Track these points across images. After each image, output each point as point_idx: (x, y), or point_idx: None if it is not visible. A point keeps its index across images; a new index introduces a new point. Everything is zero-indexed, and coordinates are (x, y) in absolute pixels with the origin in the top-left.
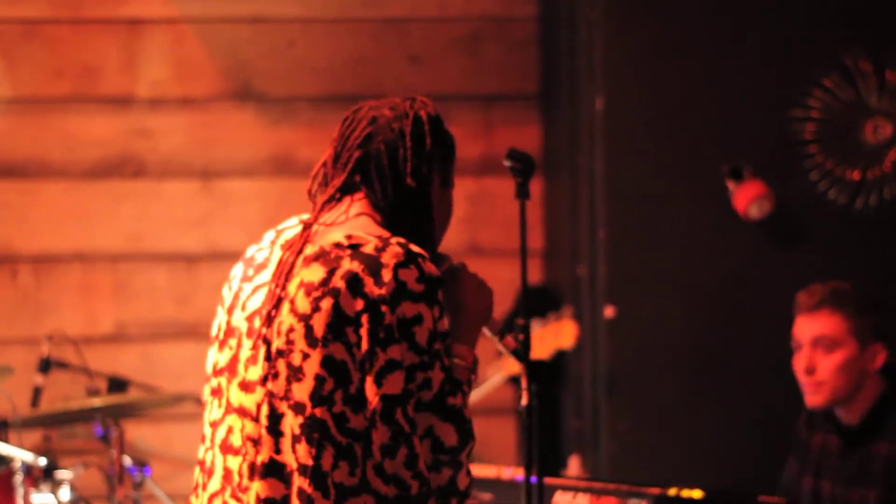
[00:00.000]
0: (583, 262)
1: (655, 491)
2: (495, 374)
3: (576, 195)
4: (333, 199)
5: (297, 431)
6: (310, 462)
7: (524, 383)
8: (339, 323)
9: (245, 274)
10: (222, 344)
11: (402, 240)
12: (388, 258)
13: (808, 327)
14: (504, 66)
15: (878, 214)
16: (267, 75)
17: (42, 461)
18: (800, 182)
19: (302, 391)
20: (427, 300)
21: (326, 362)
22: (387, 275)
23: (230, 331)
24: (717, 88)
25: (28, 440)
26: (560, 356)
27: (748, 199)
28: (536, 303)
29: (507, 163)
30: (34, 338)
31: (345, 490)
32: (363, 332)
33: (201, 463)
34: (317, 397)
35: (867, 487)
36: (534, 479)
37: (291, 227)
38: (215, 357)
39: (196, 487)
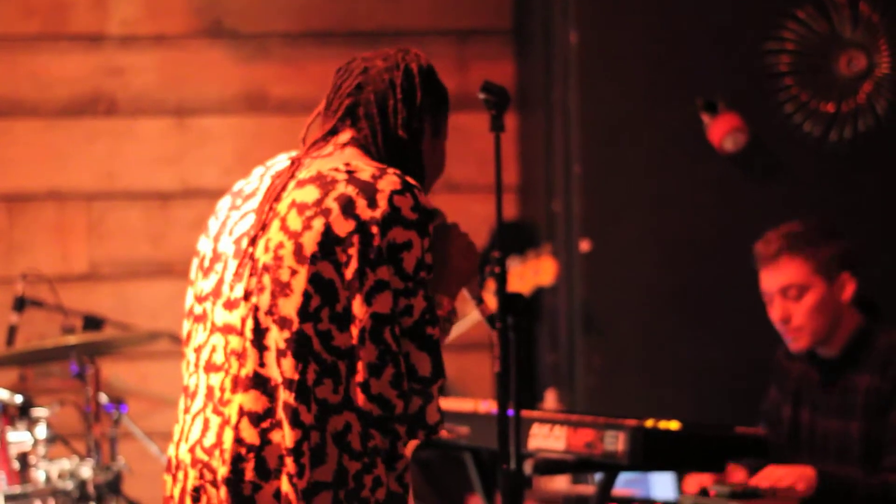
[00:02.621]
0: (558, 196)
1: (632, 423)
2: (473, 310)
3: (550, 130)
4: (322, 141)
5: (283, 346)
6: (295, 376)
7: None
8: (329, 242)
9: (233, 204)
10: (207, 271)
11: (398, 171)
12: (385, 185)
13: (773, 279)
14: (477, 1)
15: (852, 147)
16: (239, 12)
17: (18, 399)
18: (774, 115)
19: (289, 306)
20: (418, 229)
21: (314, 279)
22: (381, 199)
23: (216, 257)
24: (691, 22)
25: (3, 379)
26: (536, 291)
27: (723, 132)
28: (512, 238)
29: (481, 95)
30: (8, 277)
31: (328, 407)
32: (353, 251)
33: (185, 388)
34: (304, 313)
35: (847, 419)
36: (510, 412)
37: (280, 162)
38: (199, 286)
39: (180, 413)
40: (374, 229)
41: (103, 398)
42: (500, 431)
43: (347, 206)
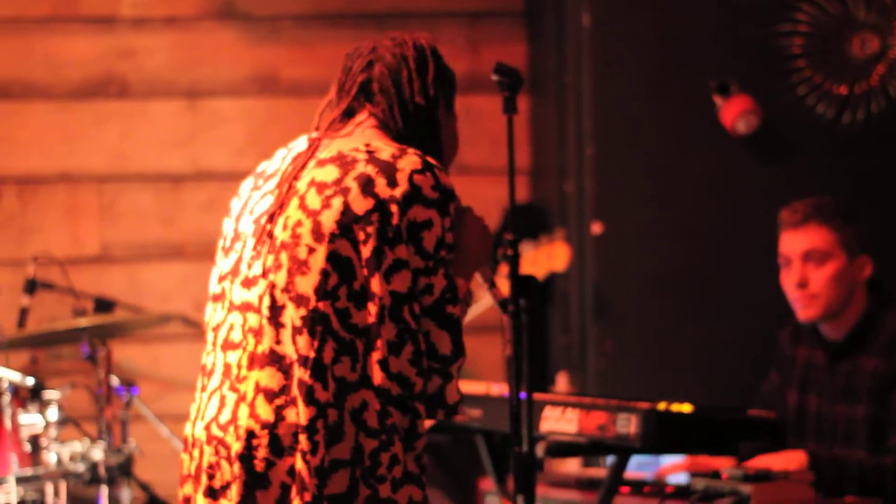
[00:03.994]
0: (570, 179)
1: (645, 406)
2: (486, 294)
3: (562, 112)
4: (338, 121)
5: (299, 323)
6: (311, 354)
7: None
8: (348, 220)
9: (255, 184)
10: (228, 251)
11: (419, 151)
12: (405, 164)
13: (797, 242)
14: None
15: (865, 129)
16: None
17: (30, 381)
18: (787, 97)
19: (306, 284)
20: (439, 208)
21: (332, 257)
22: (401, 178)
23: (237, 237)
24: (703, 3)
25: (15, 361)
26: (549, 276)
27: (735, 113)
28: (524, 221)
29: (494, 77)
30: (20, 259)
31: (346, 384)
32: (371, 230)
33: (203, 368)
34: (321, 291)
35: (854, 402)
36: (523, 395)
37: (302, 143)
38: (220, 266)
39: (197, 392)
40: (394, 208)
41: (114, 381)
42: (512, 414)
43: (367, 185)
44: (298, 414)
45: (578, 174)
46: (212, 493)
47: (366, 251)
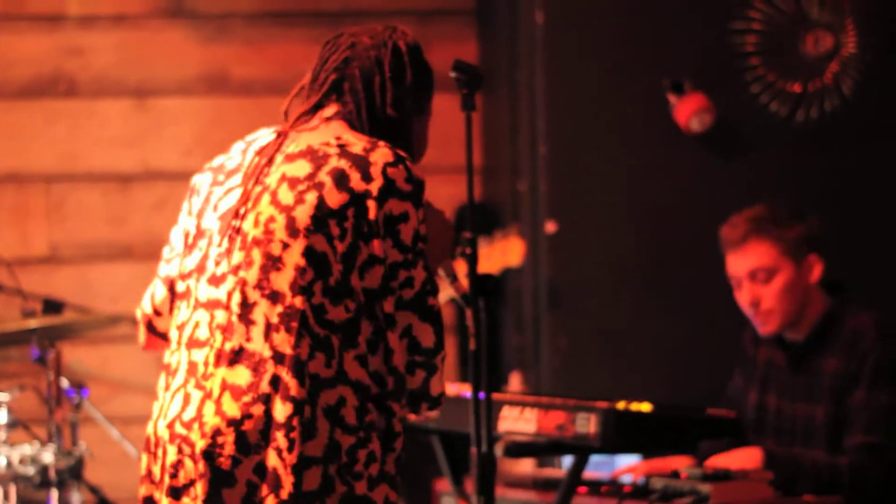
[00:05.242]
0: (523, 177)
1: (604, 405)
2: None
3: (515, 111)
4: (307, 115)
5: (276, 320)
6: (289, 351)
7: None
8: (323, 215)
9: (215, 179)
10: (191, 248)
11: (388, 144)
12: (377, 157)
13: (741, 263)
14: None
15: (818, 127)
16: None
17: None
18: (741, 95)
19: (281, 281)
20: (413, 200)
21: (308, 253)
22: (375, 172)
23: (200, 233)
24: (658, 1)
25: None
26: (500, 274)
27: (689, 112)
28: (477, 219)
29: (452, 74)
30: None
31: (320, 381)
32: (347, 225)
33: (167, 367)
34: (297, 287)
35: (813, 403)
36: (481, 394)
37: (262, 136)
38: (182, 263)
39: (160, 391)
40: (369, 202)
41: (64, 382)
42: (476, 412)
43: (341, 180)
44: (273, 411)
45: (532, 173)
46: (174, 492)
47: (341, 246)
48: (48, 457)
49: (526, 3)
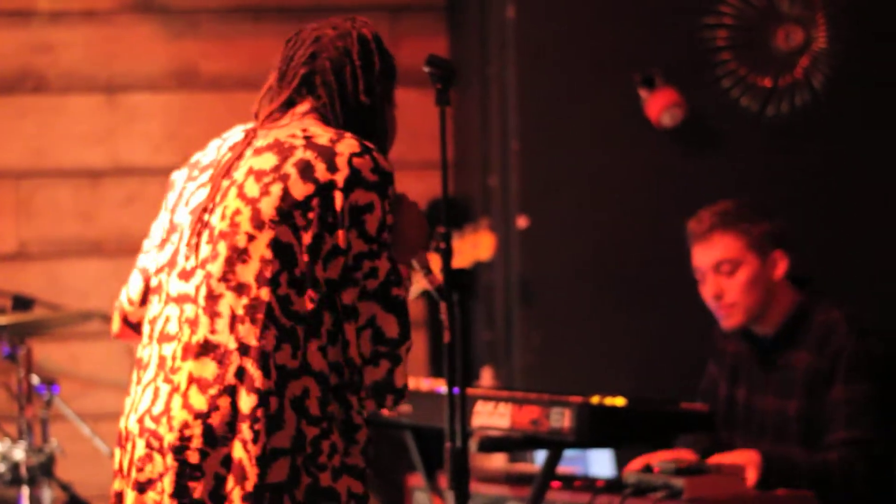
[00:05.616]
0: (494, 172)
1: (578, 399)
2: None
3: (486, 106)
4: (279, 112)
5: (241, 312)
6: (254, 342)
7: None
8: (288, 206)
9: (190, 175)
10: (164, 242)
11: (356, 135)
12: (343, 148)
13: (706, 255)
14: None
15: (789, 121)
16: None
17: None
18: (712, 89)
19: (247, 273)
20: (379, 191)
21: (273, 244)
22: (341, 162)
23: (172, 228)
24: None
25: None
26: (471, 269)
27: (661, 107)
28: (447, 214)
29: (426, 69)
30: None
31: (286, 372)
32: (312, 216)
33: (138, 361)
34: (262, 279)
35: (785, 397)
36: (455, 389)
37: (237, 133)
38: (156, 258)
39: (132, 385)
40: (335, 193)
41: (35, 379)
42: (451, 407)
43: (306, 170)
44: (238, 403)
45: (503, 168)
46: (139, 486)
47: (307, 237)
48: (19, 454)
49: None
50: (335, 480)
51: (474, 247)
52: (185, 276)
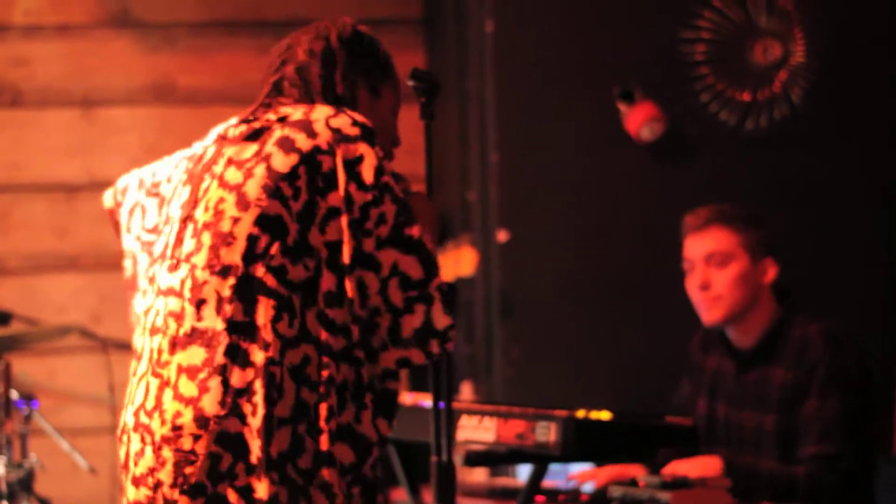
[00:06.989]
0: (473, 186)
1: (563, 413)
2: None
3: (465, 119)
4: (251, 115)
5: (228, 293)
6: (243, 318)
7: None
8: (273, 181)
9: (186, 168)
10: (159, 234)
11: (325, 103)
12: (318, 115)
13: (700, 245)
14: None
15: (768, 135)
16: (145, 0)
17: None
18: (690, 103)
19: (233, 254)
20: (365, 140)
21: (260, 219)
22: (319, 127)
23: (167, 220)
24: (607, 10)
25: None
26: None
27: (640, 121)
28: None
29: (410, 82)
30: None
31: (286, 341)
32: (300, 184)
33: (134, 350)
34: (251, 255)
35: (762, 412)
36: (441, 403)
37: (214, 134)
38: (152, 249)
39: (130, 376)
40: (321, 157)
41: (14, 394)
42: (436, 421)
43: (285, 143)
44: (231, 379)
45: (482, 181)
46: (135, 481)
47: (297, 206)
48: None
49: (475, 12)
50: (332, 444)
51: (456, 262)
52: (172, 268)
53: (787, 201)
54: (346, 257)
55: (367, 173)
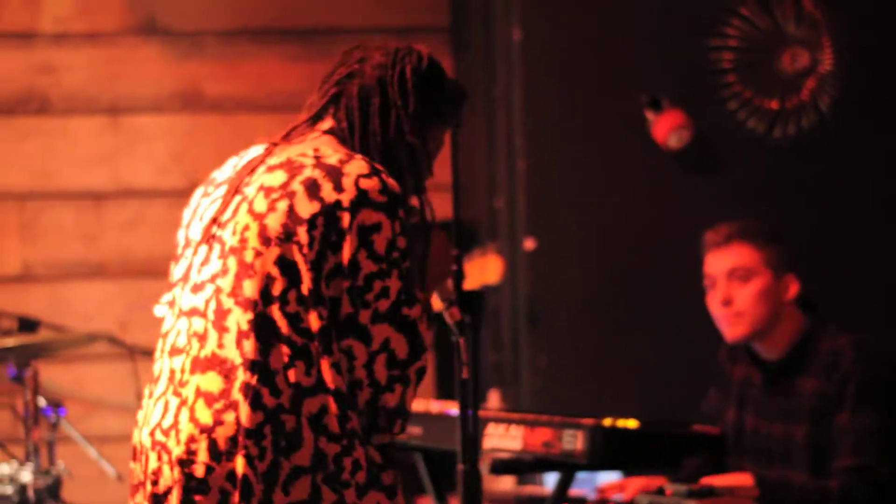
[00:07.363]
0: (501, 194)
1: (590, 422)
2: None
3: (492, 128)
4: (304, 125)
5: (246, 327)
6: (257, 357)
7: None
8: (293, 223)
9: (205, 191)
10: (179, 258)
11: (366, 157)
12: (351, 169)
13: (722, 261)
14: None
15: (795, 143)
16: (173, 9)
17: None
18: (718, 111)
19: (252, 288)
20: (388, 211)
21: (280, 261)
22: (348, 183)
23: (187, 243)
24: (635, 18)
25: None
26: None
27: (667, 128)
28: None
29: None
30: None
31: (301, 389)
32: (316, 234)
33: (151, 375)
34: (267, 295)
35: (793, 423)
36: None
37: (255, 150)
38: (171, 273)
39: (145, 399)
40: (341, 213)
41: (42, 401)
42: (464, 429)
43: (312, 189)
44: (239, 418)
45: (510, 190)
46: (156, 499)
47: (310, 254)
48: (26, 476)
49: (502, 20)
50: (360, 497)
51: (482, 270)
52: (196, 289)
53: (815, 209)
54: (363, 320)
55: (380, 244)
